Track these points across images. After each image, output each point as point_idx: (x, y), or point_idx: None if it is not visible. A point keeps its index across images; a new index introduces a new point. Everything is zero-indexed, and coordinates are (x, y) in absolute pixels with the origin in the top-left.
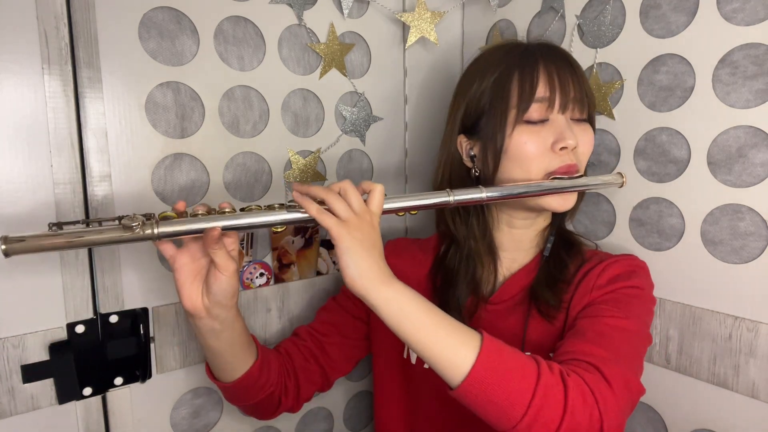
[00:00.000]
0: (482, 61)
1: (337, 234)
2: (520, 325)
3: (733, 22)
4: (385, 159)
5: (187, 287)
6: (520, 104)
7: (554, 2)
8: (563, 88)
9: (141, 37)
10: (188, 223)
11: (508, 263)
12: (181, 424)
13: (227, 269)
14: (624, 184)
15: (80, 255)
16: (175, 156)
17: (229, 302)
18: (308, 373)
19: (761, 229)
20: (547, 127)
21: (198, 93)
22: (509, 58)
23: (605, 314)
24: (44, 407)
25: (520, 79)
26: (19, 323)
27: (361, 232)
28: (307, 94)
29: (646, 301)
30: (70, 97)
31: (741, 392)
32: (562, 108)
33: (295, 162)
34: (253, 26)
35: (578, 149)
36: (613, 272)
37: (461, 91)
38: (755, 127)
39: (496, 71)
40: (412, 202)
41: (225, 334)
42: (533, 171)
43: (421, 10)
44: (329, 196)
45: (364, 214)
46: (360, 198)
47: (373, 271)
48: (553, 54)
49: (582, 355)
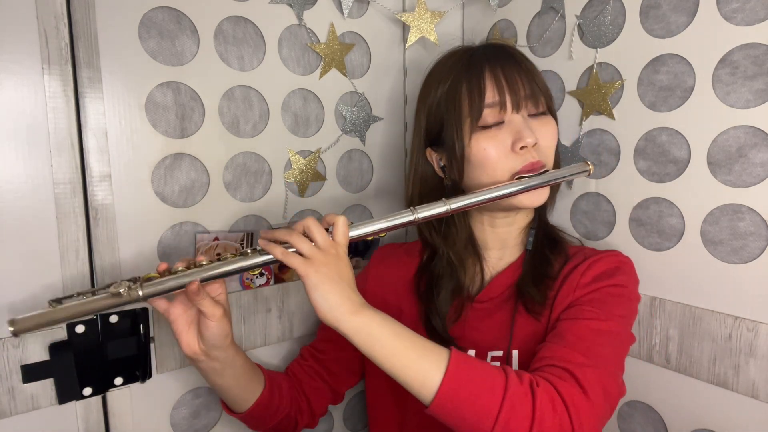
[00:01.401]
0: (435, 71)
1: (303, 272)
2: (507, 322)
3: (733, 22)
4: (385, 159)
5: (184, 335)
6: (472, 112)
7: (554, 2)
8: (512, 88)
9: (141, 37)
10: (169, 281)
11: (494, 262)
12: (181, 424)
13: (214, 316)
14: (590, 171)
15: (80, 255)
16: (175, 156)
17: (224, 343)
18: (316, 391)
19: (761, 229)
20: (504, 129)
21: (198, 93)
22: (457, 67)
23: (586, 316)
24: (44, 407)
25: (468, 87)
26: None
27: (327, 266)
28: (307, 94)
29: (630, 300)
30: (70, 97)
31: (741, 392)
32: (515, 107)
33: (295, 162)
34: (253, 26)
35: (540, 144)
36: (597, 270)
37: (420, 104)
38: (755, 127)
39: (447, 82)
40: (377, 226)
41: (227, 372)
42: (498, 174)
43: (421, 10)
44: (292, 237)
45: (329, 248)
46: (323, 233)
47: (342, 302)
48: (498, 55)
49: (558, 361)
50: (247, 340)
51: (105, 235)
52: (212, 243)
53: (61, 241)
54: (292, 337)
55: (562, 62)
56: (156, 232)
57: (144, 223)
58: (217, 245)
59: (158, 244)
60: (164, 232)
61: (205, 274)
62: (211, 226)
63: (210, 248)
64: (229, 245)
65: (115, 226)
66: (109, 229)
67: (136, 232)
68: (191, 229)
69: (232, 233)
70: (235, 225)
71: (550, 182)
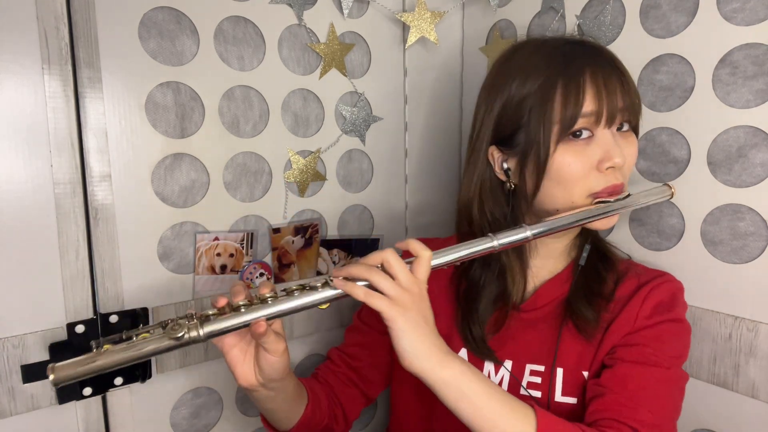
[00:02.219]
0: (517, 62)
1: (390, 316)
2: (553, 338)
3: (733, 22)
4: (385, 159)
5: (240, 367)
6: (564, 120)
7: (554, 2)
8: (611, 100)
9: (141, 37)
10: (232, 318)
11: (537, 270)
12: (181, 424)
13: (277, 351)
14: (673, 195)
15: (80, 255)
16: (175, 156)
17: (283, 375)
18: (350, 397)
19: (761, 229)
20: (592, 145)
21: (198, 93)
22: (552, 64)
23: (649, 361)
24: (44, 407)
25: (565, 91)
26: (19, 323)
27: (413, 309)
28: (307, 94)
29: (685, 335)
30: (70, 97)
31: (741, 392)
32: (609, 121)
33: (295, 162)
34: (253, 26)
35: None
36: (656, 299)
37: (492, 98)
38: (755, 127)
39: (538, 79)
40: (457, 254)
41: (279, 397)
42: (576, 192)
43: (421, 10)
44: (372, 275)
45: (413, 286)
46: (406, 269)
47: (430, 351)
48: (599, 58)
49: (626, 419)
50: None
51: (105, 235)
52: (212, 243)
53: (61, 241)
54: (293, 337)
55: None
56: (156, 232)
57: (144, 223)
58: (218, 245)
59: (158, 244)
60: (164, 232)
61: (271, 311)
62: (211, 226)
63: (210, 248)
64: (229, 245)
65: (115, 226)
66: (109, 229)
67: (136, 232)
68: (191, 229)
69: (232, 233)
70: (235, 225)
71: (630, 207)
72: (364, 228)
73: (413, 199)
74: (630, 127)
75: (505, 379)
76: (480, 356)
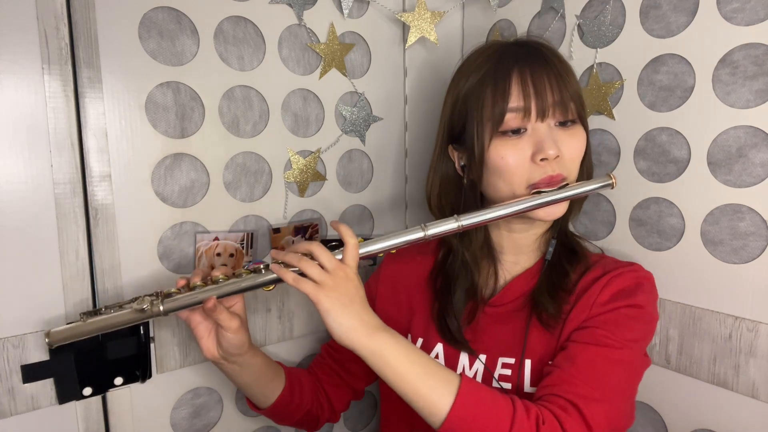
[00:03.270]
0: (465, 64)
1: (314, 298)
2: (521, 330)
3: (733, 22)
4: (385, 159)
5: (204, 341)
6: (494, 116)
7: (554, 2)
8: (539, 95)
9: (141, 37)
10: (187, 297)
11: (509, 266)
12: (181, 424)
13: (230, 328)
14: (614, 185)
15: (80, 255)
16: (175, 156)
17: (241, 350)
18: (336, 388)
19: (761, 229)
20: (525, 138)
21: (198, 93)
22: (486, 64)
23: (599, 342)
24: (44, 407)
25: (493, 89)
26: (19, 323)
27: (337, 290)
28: (307, 94)
29: (646, 321)
30: (70, 97)
31: (741, 392)
32: (541, 115)
33: (295, 162)
34: (253, 26)
35: (563, 156)
36: (616, 287)
37: (447, 96)
38: (755, 127)
39: (472, 80)
40: (386, 243)
41: (245, 372)
42: (515, 183)
43: (421, 10)
44: (300, 263)
45: (338, 270)
46: (330, 257)
47: (355, 326)
48: (529, 56)
49: (566, 393)
50: None
51: (105, 235)
52: (212, 243)
53: (61, 241)
54: (292, 337)
55: None
56: (156, 232)
57: (144, 223)
58: (218, 245)
59: (158, 244)
60: (164, 232)
61: (221, 291)
62: (211, 226)
63: (210, 248)
64: (229, 245)
65: (115, 226)
66: (109, 229)
67: (136, 232)
68: (191, 229)
69: (232, 233)
70: (235, 225)
71: (567, 198)
72: (364, 228)
73: (413, 199)
74: (576, 121)
75: (479, 371)
76: (455, 347)
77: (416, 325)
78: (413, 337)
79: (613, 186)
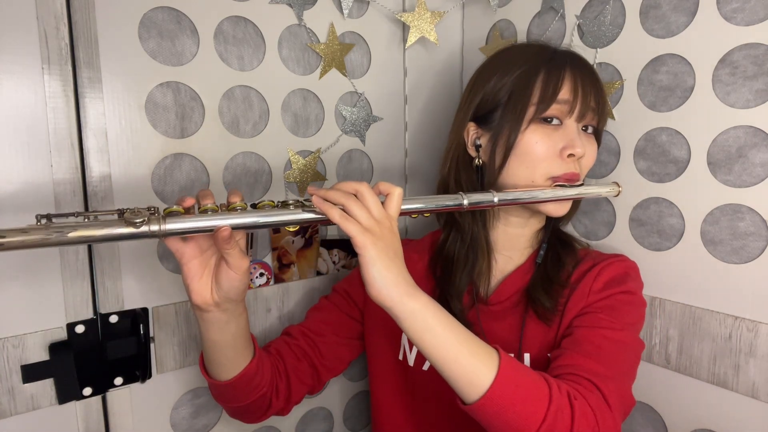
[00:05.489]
0: (509, 55)
1: (361, 243)
2: (517, 327)
3: (733, 22)
4: (385, 159)
5: (196, 282)
6: (541, 102)
7: (554, 2)
8: (585, 96)
9: (141, 37)
10: (197, 220)
11: (503, 263)
12: (181, 424)
13: (240, 268)
14: (619, 193)
15: (80, 255)
16: (175, 156)
17: (240, 296)
18: (300, 373)
19: (761, 229)
20: (560, 132)
21: (198, 93)
22: (538, 57)
23: (603, 324)
24: (44, 407)
25: (546, 77)
26: (19, 323)
27: (384, 240)
28: (307, 94)
29: (639, 306)
30: (70, 97)
31: (741, 392)
32: (580, 115)
33: (295, 162)
34: (253, 26)
35: (583, 159)
36: (608, 275)
37: (480, 81)
38: (755, 127)
39: (523, 66)
40: (427, 204)
41: (231, 326)
42: (537, 173)
43: (421, 10)
44: (349, 201)
45: (384, 219)
46: (379, 203)
47: (398, 282)
48: (580, 63)
49: (583, 371)
50: None
51: None
52: None
53: None
54: None
55: None
56: None
57: None
58: None
59: (158, 244)
60: None
61: (240, 220)
62: None
63: None
64: None
65: None
66: None
67: None
68: None
69: None
70: None
71: (582, 196)
72: None
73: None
74: (594, 131)
75: None
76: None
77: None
78: None
79: (618, 194)
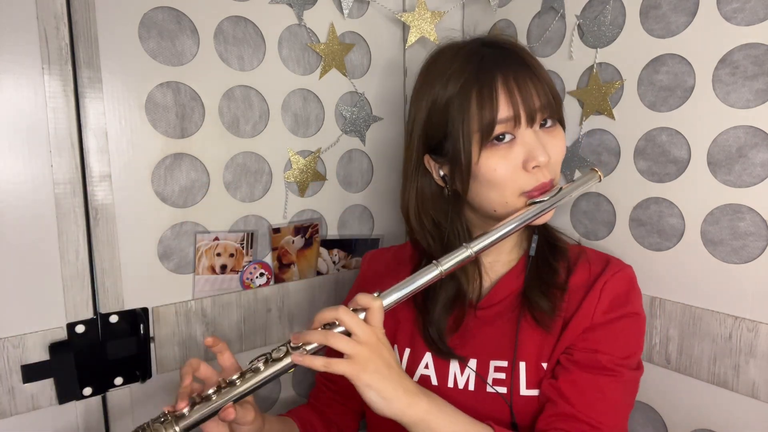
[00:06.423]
0: (437, 67)
1: (353, 376)
2: (511, 332)
3: (733, 22)
4: (385, 159)
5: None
6: (482, 128)
7: (554, 2)
8: (526, 102)
9: (141, 37)
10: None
11: (490, 266)
12: None
13: (246, 420)
14: (601, 178)
15: (80, 255)
16: (175, 156)
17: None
18: (339, 415)
19: (761, 229)
20: (516, 146)
21: (198, 93)
22: (467, 70)
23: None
24: (44, 407)
25: (479, 99)
26: (19, 323)
27: (374, 361)
28: (307, 94)
29: (641, 325)
30: (70, 97)
31: (741, 392)
32: (529, 122)
33: (295, 162)
34: (253, 26)
35: (551, 160)
36: (612, 292)
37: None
38: (755, 127)
39: (455, 84)
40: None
41: None
42: (507, 193)
43: (421, 10)
44: (329, 339)
45: (370, 336)
46: (361, 323)
47: (397, 395)
48: (510, 59)
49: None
50: (247, 340)
51: (105, 235)
52: (212, 243)
53: (61, 241)
54: None
55: (562, 62)
56: (156, 232)
57: (144, 223)
58: (218, 245)
59: (158, 244)
60: (164, 232)
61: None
62: (211, 226)
63: (210, 248)
64: (229, 245)
65: (115, 226)
66: (109, 229)
67: (136, 232)
68: (191, 229)
69: (232, 233)
70: (235, 225)
71: (564, 200)
72: (364, 228)
73: None
74: (554, 121)
75: (471, 377)
76: (443, 357)
77: (401, 335)
78: (399, 348)
79: (600, 179)
